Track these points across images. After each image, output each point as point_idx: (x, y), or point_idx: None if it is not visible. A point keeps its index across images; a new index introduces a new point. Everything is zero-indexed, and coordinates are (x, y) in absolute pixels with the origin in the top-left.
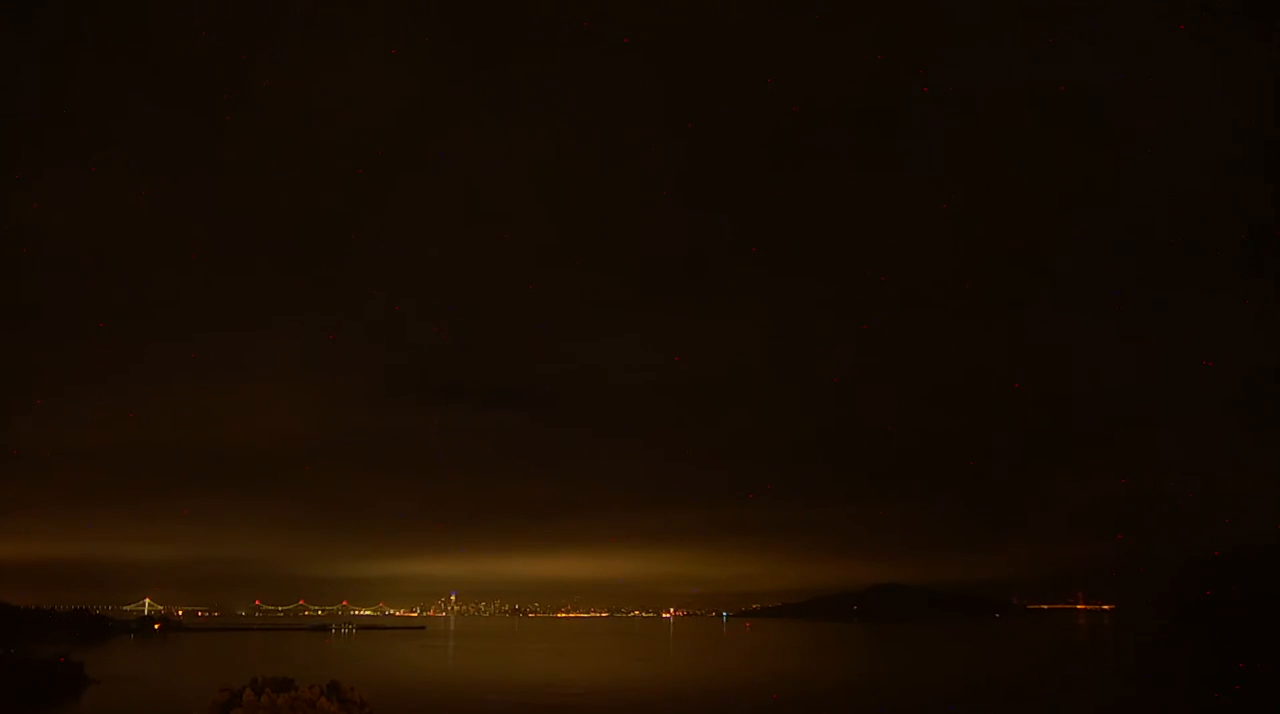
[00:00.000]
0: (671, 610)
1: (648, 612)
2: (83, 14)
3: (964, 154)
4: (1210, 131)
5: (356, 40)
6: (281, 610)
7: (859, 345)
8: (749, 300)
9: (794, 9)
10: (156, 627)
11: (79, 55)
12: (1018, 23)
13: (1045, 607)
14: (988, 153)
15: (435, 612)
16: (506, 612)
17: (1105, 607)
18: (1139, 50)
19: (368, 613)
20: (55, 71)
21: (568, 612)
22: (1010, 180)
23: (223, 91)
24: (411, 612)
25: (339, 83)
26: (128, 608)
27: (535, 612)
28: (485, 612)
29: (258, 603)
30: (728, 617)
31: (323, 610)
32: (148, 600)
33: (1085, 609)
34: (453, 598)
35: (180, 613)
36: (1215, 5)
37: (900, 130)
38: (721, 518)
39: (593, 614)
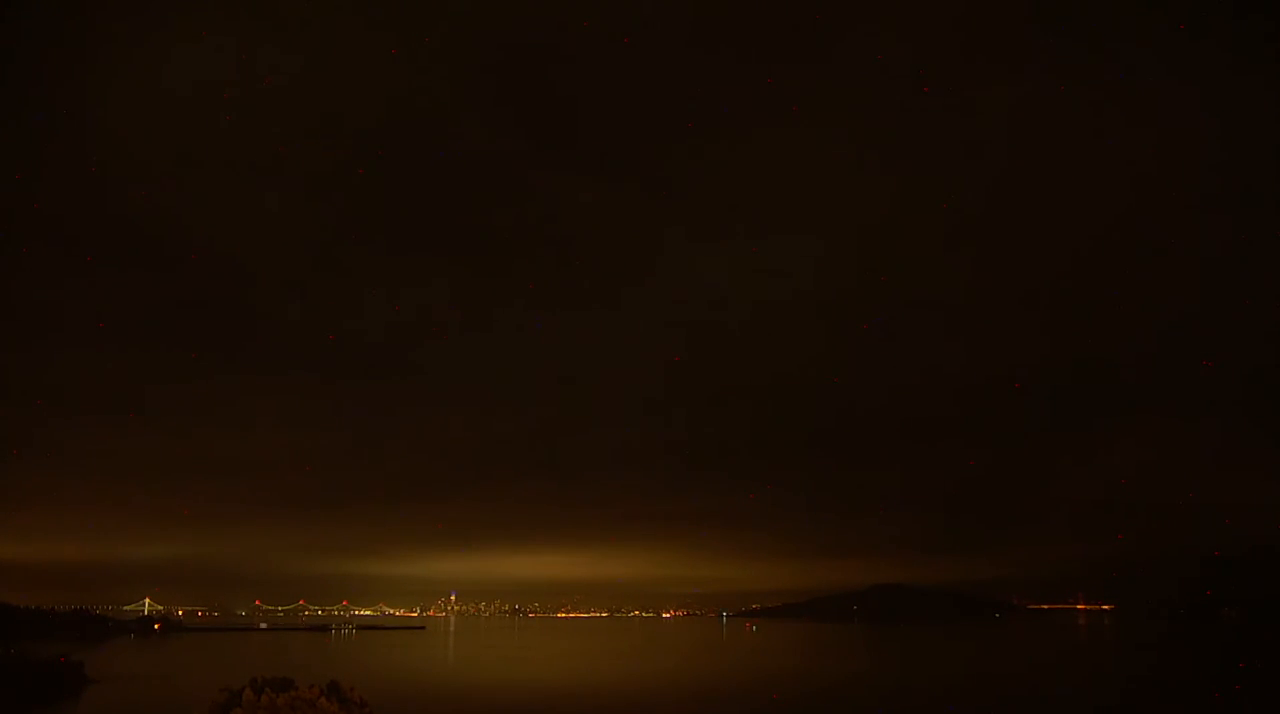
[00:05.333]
0: (671, 610)
1: (647, 612)
2: (83, 14)
3: (964, 153)
4: (1210, 129)
5: (357, 40)
6: (281, 610)
7: (859, 345)
8: (748, 300)
9: (795, 7)
10: (156, 627)
11: (79, 55)
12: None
13: (1045, 607)
14: (988, 152)
15: (435, 612)
16: (506, 612)
17: (1105, 607)
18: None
19: (368, 613)
20: (55, 71)
21: (568, 612)
22: (1010, 180)
23: (223, 91)
24: (411, 612)
25: (339, 82)
26: (128, 608)
27: (535, 612)
28: (485, 612)
29: (258, 603)
30: (728, 617)
31: (323, 610)
32: (148, 600)
33: (1085, 609)
34: (453, 598)
35: (180, 613)
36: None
37: (901, 130)
38: (721, 518)
39: (593, 614)
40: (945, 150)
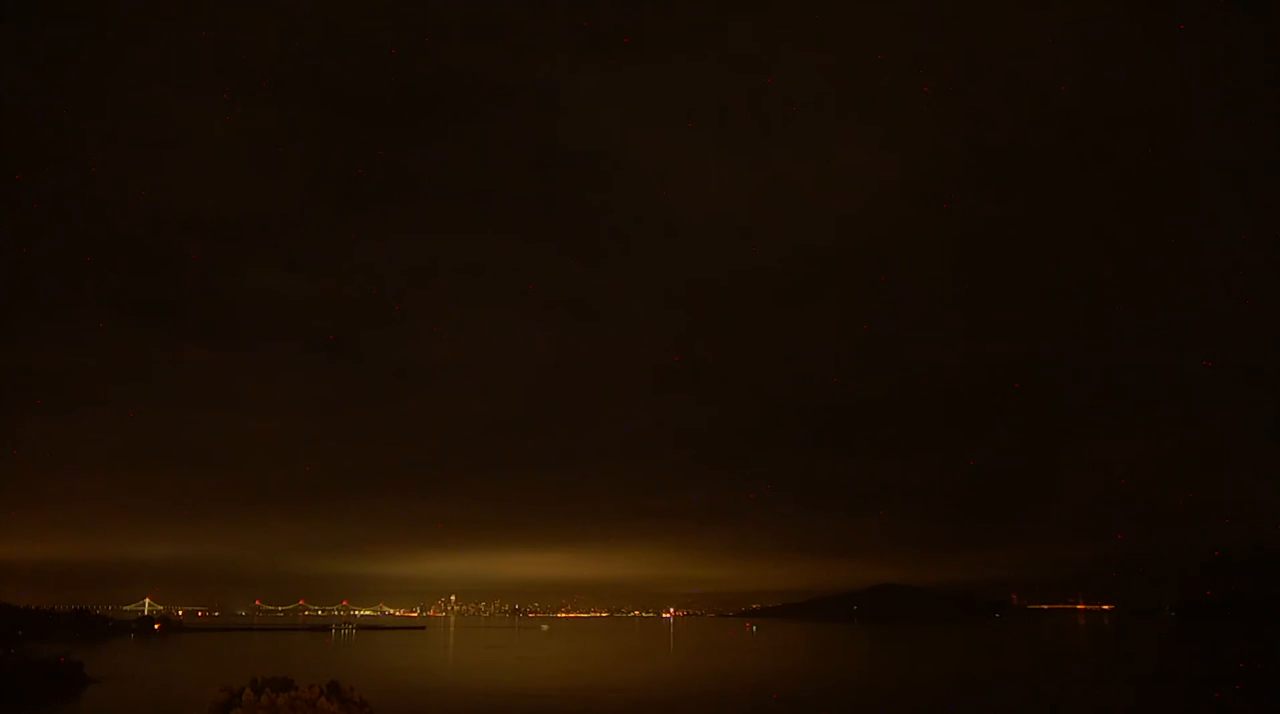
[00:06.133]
0: (671, 610)
1: (647, 612)
2: (84, 14)
3: (965, 153)
4: (1210, 130)
5: (356, 40)
6: (281, 610)
7: (859, 345)
8: (748, 300)
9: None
10: (156, 627)
11: (80, 56)
12: (1017, 24)
13: (1045, 607)
14: (988, 153)
15: (435, 612)
16: (506, 611)
17: (1105, 607)
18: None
19: (368, 613)
20: (56, 72)
21: (568, 612)
22: (1011, 181)
23: (223, 91)
24: (411, 612)
25: (337, 82)
26: (128, 608)
27: (535, 611)
28: (485, 611)
29: (258, 603)
30: (728, 617)
31: (323, 610)
32: (148, 600)
33: (1085, 609)
34: (453, 598)
35: (180, 613)
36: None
37: (903, 130)
38: (721, 518)
39: (593, 614)
40: (946, 149)
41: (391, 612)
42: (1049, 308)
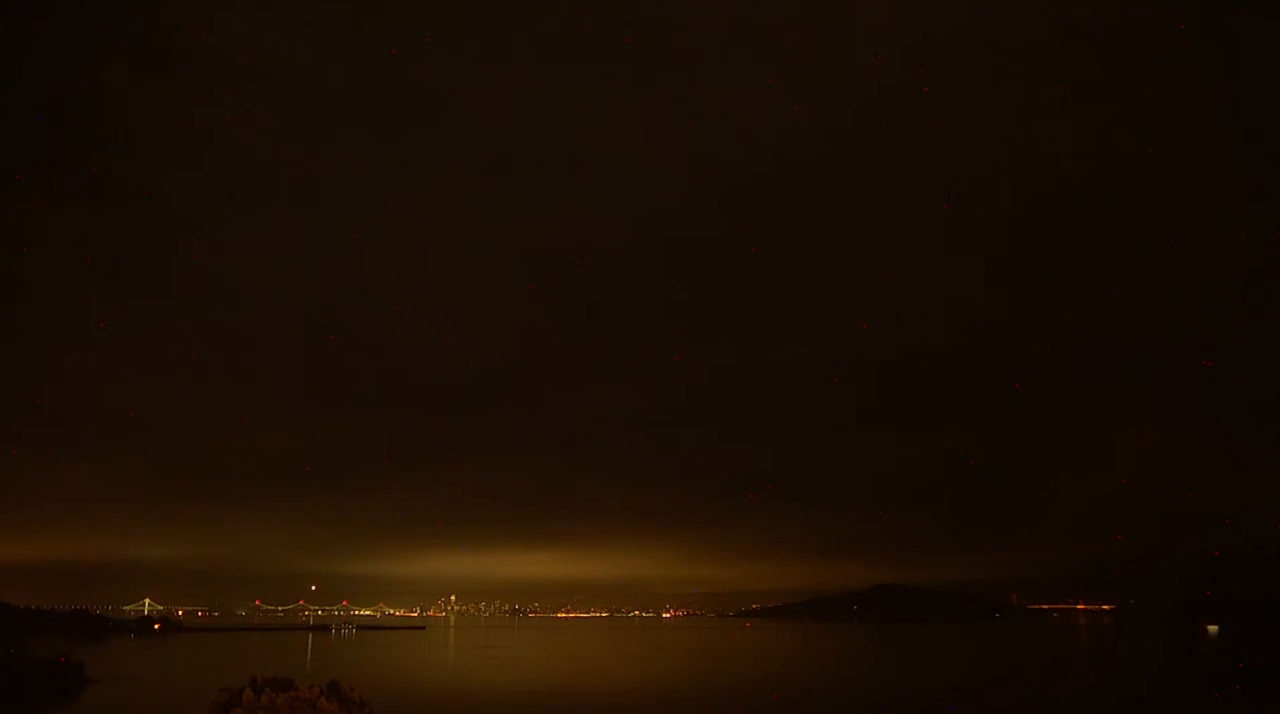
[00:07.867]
0: (671, 610)
1: (647, 612)
2: (84, 13)
3: (964, 154)
4: (1210, 131)
5: (356, 39)
6: (281, 610)
7: (859, 345)
8: (749, 301)
9: (798, 14)
10: (156, 627)
11: (79, 54)
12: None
13: (1045, 607)
14: (987, 153)
15: (435, 612)
16: (506, 611)
17: (1105, 607)
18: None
19: (368, 613)
20: (55, 70)
21: (568, 612)
22: (1010, 181)
23: (224, 91)
24: (411, 612)
25: (337, 82)
26: (128, 608)
27: (535, 611)
28: (485, 611)
29: (258, 603)
30: (728, 617)
31: (323, 610)
32: (148, 600)
33: (1085, 609)
34: (452, 598)
35: (180, 613)
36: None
37: (902, 130)
38: (721, 517)
39: (593, 614)
40: (945, 150)
41: (391, 612)
42: (1048, 309)
